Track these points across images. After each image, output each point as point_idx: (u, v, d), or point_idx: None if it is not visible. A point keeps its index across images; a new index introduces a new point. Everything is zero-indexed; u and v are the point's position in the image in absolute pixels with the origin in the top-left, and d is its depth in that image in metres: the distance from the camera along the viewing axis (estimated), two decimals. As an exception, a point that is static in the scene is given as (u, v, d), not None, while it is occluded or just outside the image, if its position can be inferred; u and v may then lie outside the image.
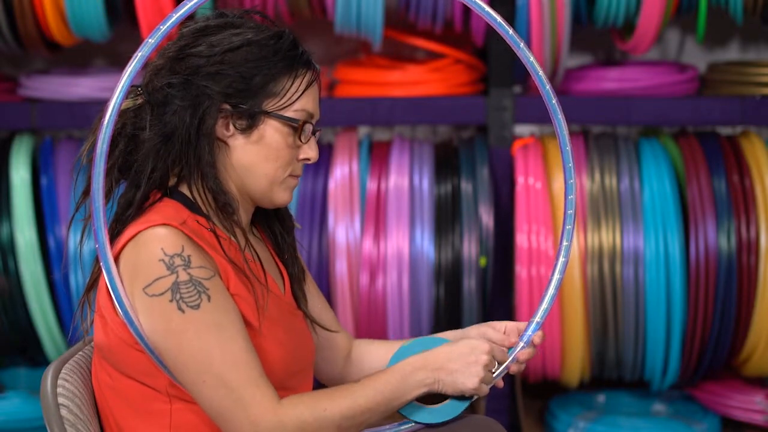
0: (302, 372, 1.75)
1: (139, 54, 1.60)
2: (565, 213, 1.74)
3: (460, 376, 1.64)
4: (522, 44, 1.69)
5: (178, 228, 1.58)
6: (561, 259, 1.74)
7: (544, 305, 1.75)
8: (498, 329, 1.79)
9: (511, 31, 1.68)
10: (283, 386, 1.68)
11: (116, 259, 1.60)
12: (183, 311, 1.53)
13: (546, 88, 1.71)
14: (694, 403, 3.42)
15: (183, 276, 1.54)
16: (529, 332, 1.75)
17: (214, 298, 1.55)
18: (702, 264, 3.09)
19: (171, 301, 1.54)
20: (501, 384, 1.74)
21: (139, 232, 1.57)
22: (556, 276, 1.75)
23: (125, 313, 1.56)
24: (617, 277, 3.12)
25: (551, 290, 1.75)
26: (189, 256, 1.56)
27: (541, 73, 1.70)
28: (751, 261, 3.12)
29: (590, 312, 3.14)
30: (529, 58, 1.70)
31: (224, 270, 1.62)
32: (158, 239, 1.56)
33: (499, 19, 1.68)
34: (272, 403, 1.54)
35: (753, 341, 3.17)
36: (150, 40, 1.61)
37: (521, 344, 1.75)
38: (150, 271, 1.55)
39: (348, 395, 1.57)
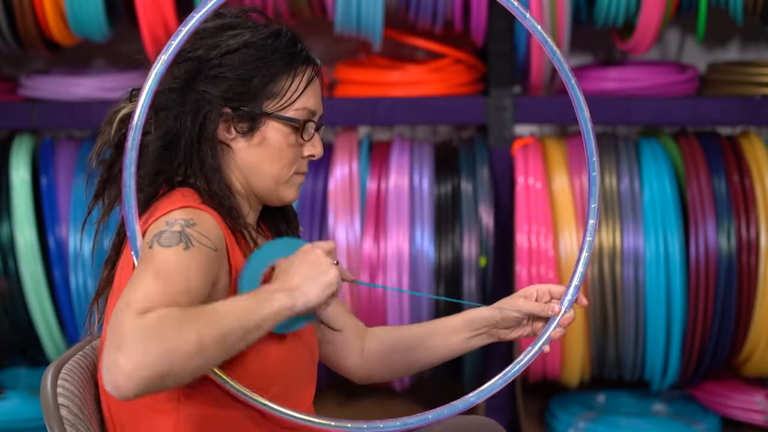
0: (306, 373, 1.74)
1: (162, 57, 1.54)
2: (588, 206, 1.73)
3: (316, 276, 1.54)
4: (550, 41, 1.68)
5: (199, 207, 1.57)
6: (591, 221, 1.73)
7: (580, 268, 1.73)
8: (530, 297, 1.77)
9: (538, 27, 1.67)
10: (286, 389, 1.67)
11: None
12: (151, 247, 1.47)
13: (571, 82, 1.70)
14: (694, 403, 3.42)
15: (175, 228, 1.50)
16: (569, 296, 1.74)
17: (193, 252, 1.48)
18: (702, 264, 3.09)
19: (149, 243, 1.49)
20: (548, 349, 1.73)
21: (163, 215, 1.55)
22: (588, 239, 1.73)
23: None
24: (617, 277, 3.12)
25: (585, 252, 1.73)
26: (194, 223, 1.52)
27: (566, 67, 1.69)
28: (751, 261, 3.12)
29: (590, 312, 3.15)
30: (555, 53, 1.68)
31: (234, 264, 1.61)
32: (175, 212, 1.54)
33: (528, 15, 1.66)
34: (143, 310, 1.37)
35: (753, 341, 3.17)
36: (173, 42, 1.57)
37: (563, 309, 1.74)
38: (152, 233, 1.51)
39: (210, 316, 1.39)
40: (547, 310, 1.75)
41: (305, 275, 1.54)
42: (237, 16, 1.69)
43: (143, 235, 1.56)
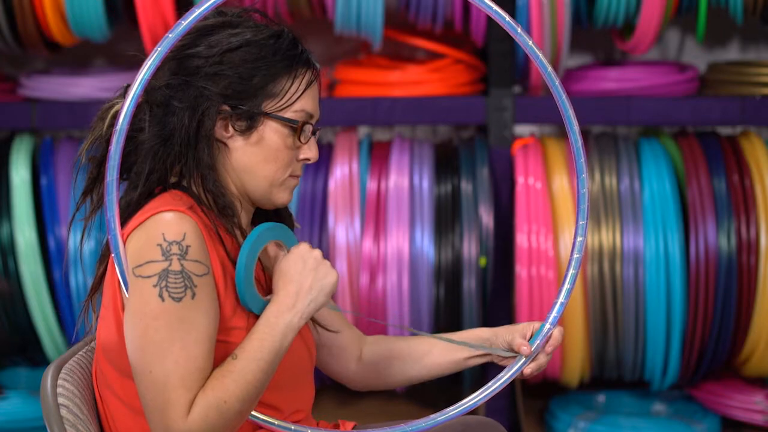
0: (304, 375, 1.74)
1: (155, 53, 1.56)
2: (578, 208, 1.73)
3: (320, 283, 1.62)
4: (531, 42, 1.67)
5: (185, 213, 1.56)
6: (579, 239, 1.73)
7: (567, 285, 1.74)
8: (525, 334, 1.78)
9: (519, 30, 1.66)
10: (284, 392, 1.68)
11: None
12: (163, 299, 1.52)
13: (556, 84, 1.69)
14: (694, 403, 3.42)
15: (175, 266, 1.53)
16: (554, 313, 1.74)
17: (199, 297, 1.54)
18: (702, 264, 3.09)
19: (155, 286, 1.52)
20: (528, 372, 1.74)
21: (148, 218, 1.56)
22: (576, 256, 1.74)
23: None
24: (617, 277, 3.12)
25: (571, 270, 1.74)
26: (188, 246, 1.54)
27: (550, 69, 1.68)
28: (751, 261, 3.12)
29: (590, 312, 3.15)
30: (540, 57, 1.68)
31: (220, 266, 1.61)
32: (162, 223, 1.54)
33: (508, 18, 1.65)
34: (187, 407, 1.52)
35: (753, 341, 3.17)
36: (161, 45, 1.58)
37: (548, 326, 1.74)
38: (144, 253, 1.53)
39: (237, 378, 1.54)
40: (518, 348, 1.76)
41: (311, 285, 1.62)
42: (238, 15, 1.68)
43: (133, 230, 1.57)
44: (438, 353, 1.86)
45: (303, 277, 1.62)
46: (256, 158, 1.66)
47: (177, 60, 1.63)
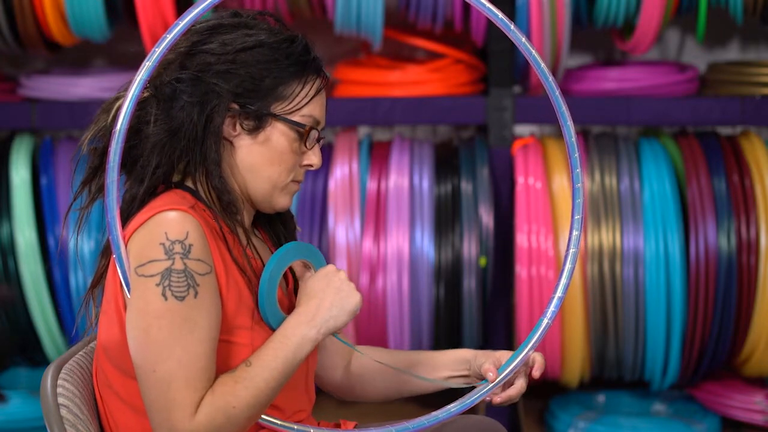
0: (305, 378, 1.74)
1: (151, 59, 1.57)
2: (573, 202, 1.73)
3: (341, 303, 1.64)
4: (524, 39, 1.67)
5: (187, 212, 1.56)
6: (575, 233, 1.73)
7: (563, 280, 1.73)
8: (501, 361, 1.78)
9: (512, 27, 1.67)
10: (284, 393, 1.68)
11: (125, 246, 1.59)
12: (166, 298, 1.52)
13: (549, 80, 1.68)
14: (694, 403, 3.42)
15: (178, 265, 1.53)
16: (552, 308, 1.74)
17: (201, 296, 1.54)
18: (702, 264, 3.09)
19: (158, 285, 1.52)
20: (498, 400, 1.75)
21: (150, 217, 1.56)
22: (572, 251, 1.73)
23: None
24: (617, 277, 3.12)
25: (568, 264, 1.73)
26: (191, 245, 1.54)
27: (542, 65, 1.68)
28: (751, 261, 3.12)
29: (590, 312, 3.15)
30: (533, 55, 1.68)
31: (223, 265, 1.61)
32: (164, 222, 1.55)
33: (501, 15, 1.65)
34: (193, 408, 1.52)
35: (753, 341, 3.17)
36: (159, 46, 1.58)
37: (546, 321, 1.74)
38: (147, 252, 1.54)
39: (248, 385, 1.55)
40: (485, 373, 1.76)
41: (332, 303, 1.64)
42: (253, 17, 1.70)
43: (135, 230, 1.56)
44: (422, 370, 1.86)
45: (325, 294, 1.64)
46: (262, 158, 1.66)
47: (189, 55, 1.64)
